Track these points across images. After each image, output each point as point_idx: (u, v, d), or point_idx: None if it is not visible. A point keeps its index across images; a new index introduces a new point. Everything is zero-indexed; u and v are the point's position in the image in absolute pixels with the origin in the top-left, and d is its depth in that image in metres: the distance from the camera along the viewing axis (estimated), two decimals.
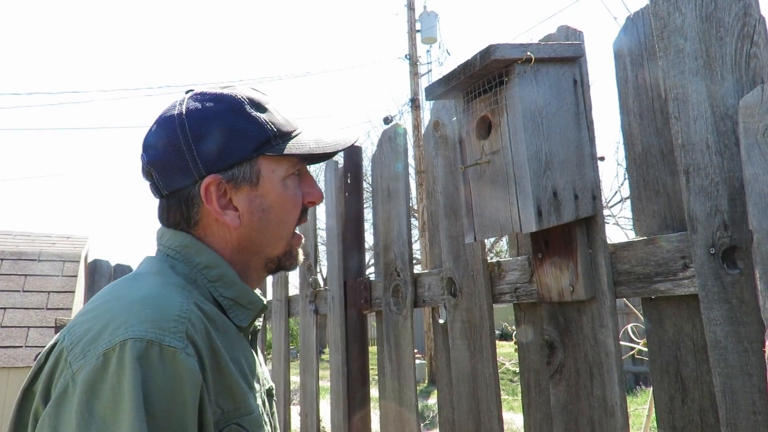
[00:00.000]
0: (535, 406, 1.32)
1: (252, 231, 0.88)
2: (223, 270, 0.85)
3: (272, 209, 0.89)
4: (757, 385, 0.85)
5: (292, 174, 0.90)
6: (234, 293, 0.85)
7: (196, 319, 0.71)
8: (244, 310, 0.85)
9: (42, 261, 4.69)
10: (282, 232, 0.90)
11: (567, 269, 1.14)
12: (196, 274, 0.84)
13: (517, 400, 8.53)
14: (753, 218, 0.82)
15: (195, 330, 0.69)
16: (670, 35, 0.98)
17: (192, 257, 0.85)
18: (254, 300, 0.87)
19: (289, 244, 0.92)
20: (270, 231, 0.89)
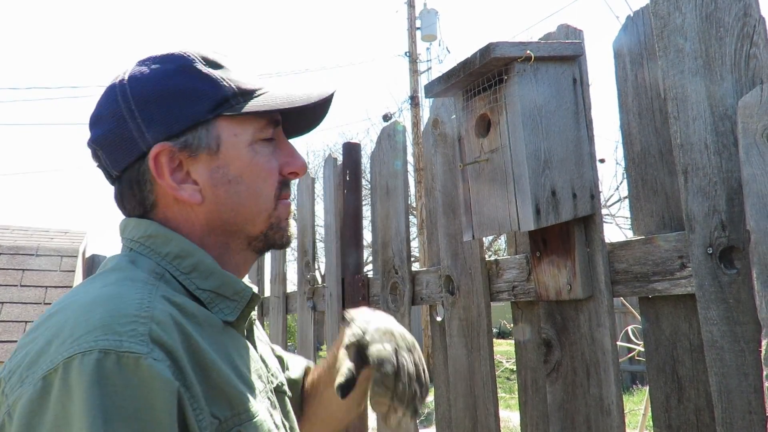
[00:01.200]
0: (531, 404, 1.32)
1: (220, 207, 0.75)
2: (198, 258, 0.73)
3: (241, 179, 0.76)
4: (753, 384, 0.85)
5: (263, 139, 0.78)
6: (214, 284, 0.73)
7: (162, 315, 0.59)
8: (229, 302, 0.73)
9: (40, 256, 4.69)
10: (259, 206, 0.77)
11: (565, 268, 1.14)
12: (165, 266, 0.72)
13: (514, 398, 8.55)
14: (751, 218, 0.82)
15: (162, 329, 0.57)
16: (670, 35, 0.98)
17: (159, 248, 0.73)
18: (240, 289, 0.74)
19: (274, 217, 0.79)
20: (243, 205, 0.76)
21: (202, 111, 0.73)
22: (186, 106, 0.72)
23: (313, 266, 2.49)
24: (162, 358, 0.55)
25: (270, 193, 0.78)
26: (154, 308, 0.59)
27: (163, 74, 0.73)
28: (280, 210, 0.80)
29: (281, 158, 0.80)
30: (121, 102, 0.72)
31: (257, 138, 0.77)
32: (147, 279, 0.67)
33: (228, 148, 0.75)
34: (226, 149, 0.75)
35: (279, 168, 0.79)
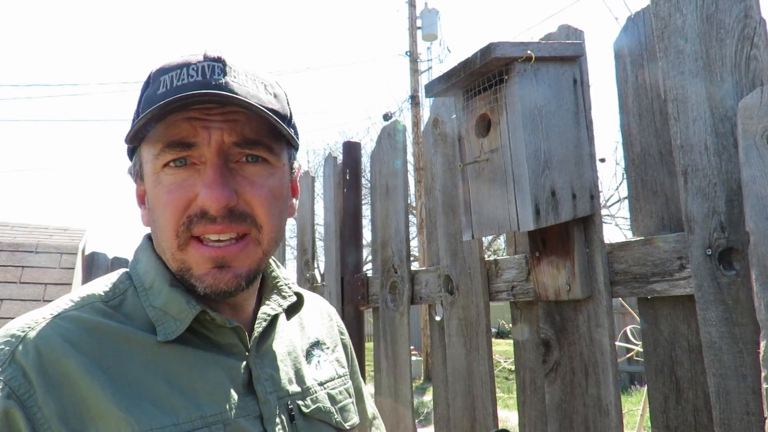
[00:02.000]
0: (530, 404, 1.32)
1: (153, 234, 0.74)
2: (153, 275, 0.73)
3: (153, 210, 0.71)
4: (751, 386, 0.86)
5: (169, 164, 0.68)
6: (161, 301, 0.71)
7: (38, 338, 0.63)
8: (174, 321, 0.69)
9: (39, 253, 4.69)
10: (164, 242, 0.70)
11: (564, 268, 1.14)
12: (134, 282, 0.73)
13: (512, 398, 8.55)
14: (750, 220, 0.83)
15: (26, 350, 0.62)
16: (671, 36, 0.98)
17: (136, 263, 0.76)
18: (182, 309, 0.70)
19: (178, 260, 0.70)
20: (158, 237, 0.72)
21: (126, 138, 0.71)
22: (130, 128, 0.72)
23: (312, 265, 2.49)
24: (9, 377, 0.60)
25: (169, 230, 0.69)
26: (37, 328, 0.64)
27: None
28: (189, 254, 0.69)
29: (199, 188, 0.68)
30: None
31: (158, 165, 0.69)
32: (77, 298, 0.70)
33: (145, 175, 0.72)
34: (145, 176, 0.73)
35: (189, 199, 0.68)
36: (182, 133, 0.67)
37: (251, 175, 0.71)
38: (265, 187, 0.71)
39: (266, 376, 0.75)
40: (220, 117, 0.68)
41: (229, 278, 0.69)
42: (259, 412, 0.71)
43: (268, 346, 0.79)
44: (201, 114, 0.67)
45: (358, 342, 2.08)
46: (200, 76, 0.67)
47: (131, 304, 0.71)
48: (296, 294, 0.87)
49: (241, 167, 0.70)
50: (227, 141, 0.68)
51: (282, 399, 0.75)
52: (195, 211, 0.67)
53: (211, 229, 0.67)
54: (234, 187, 0.68)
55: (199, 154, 0.68)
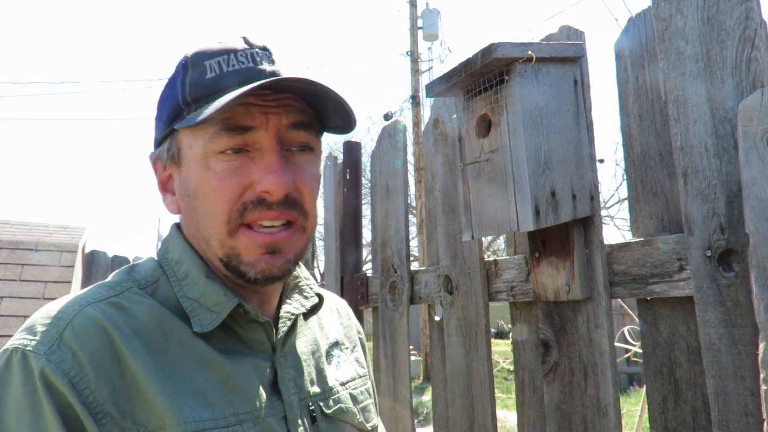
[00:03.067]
0: (528, 404, 1.32)
1: (188, 221, 0.73)
2: (188, 265, 0.72)
3: (195, 196, 0.70)
4: (749, 387, 0.86)
5: (222, 152, 0.67)
6: (197, 292, 0.70)
7: (85, 319, 0.62)
8: (209, 312, 0.69)
9: (39, 251, 4.69)
10: (210, 229, 0.69)
11: (563, 269, 1.14)
12: (167, 271, 0.72)
13: (511, 398, 8.56)
14: (750, 222, 0.83)
15: (76, 332, 0.60)
16: (672, 37, 0.98)
17: (167, 252, 0.75)
18: (219, 301, 0.69)
19: (227, 247, 0.69)
20: (199, 224, 0.71)
21: (164, 122, 0.72)
22: (159, 116, 0.73)
23: (312, 264, 2.49)
24: (59, 359, 0.58)
25: (220, 217, 0.68)
26: (81, 313, 0.62)
27: (171, 74, 0.73)
28: (239, 241, 0.68)
29: (255, 173, 0.67)
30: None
31: (211, 150, 0.68)
32: (115, 284, 0.69)
33: (186, 161, 0.71)
34: (185, 162, 0.71)
35: (245, 186, 0.68)
36: (239, 118, 0.67)
37: (301, 163, 0.72)
38: (312, 176, 0.73)
39: (289, 377, 0.74)
40: (275, 102, 0.69)
41: (281, 263, 0.70)
42: (283, 412, 0.71)
43: (290, 346, 0.78)
44: (258, 99, 0.67)
45: None
46: (251, 63, 0.69)
47: (164, 293, 0.70)
48: (317, 295, 0.86)
49: (292, 155, 0.71)
50: (285, 122, 0.69)
51: (303, 400, 0.74)
52: (251, 198, 0.67)
53: (266, 215, 0.68)
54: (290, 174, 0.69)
55: (254, 141, 0.68)
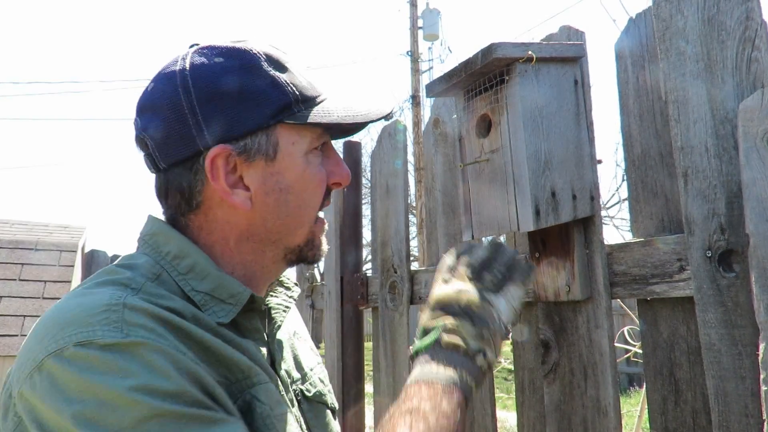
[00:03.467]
0: (528, 404, 1.32)
1: (267, 215, 0.75)
2: (195, 259, 0.72)
3: (291, 189, 0.75)
4: (750, 388, 0.86)
5: (316, 148, 0.77)
6: (209, 286, 0.71)
7: (136, 302, 0.61)
8: (224, 304, 0.71)
9: (39, 250, 4.68)
10: (303, 218, 0.77)
11: (563, 269, 1.14)
12: (164, 266, 0.72)
13: (511, 399, 8.56)
14: (750, 222, 0.82)
15: (136, 312, 0.60)
16: (672, 37, 0.98)
17: (160, 246, 0.73)
18: (237, 292, 0.72)
19: (311, 232, 0.79)
20: (289, 216, 0.76)
21: (266, 116, 0.71)
22: (249, 108, 0.70)
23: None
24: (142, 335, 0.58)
25: (316, 204, 0.78)
26: (125, 297, 0.61)
27: (228, 70, 0.70)
28: (318, 225, 0.80)
29: (328, 166, 0.79)
30: (181, 93, 0.69)
31: (311, 147, 0.76)
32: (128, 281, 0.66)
33: (284, 156, 0.74)
34: (283, 157, 0.74)
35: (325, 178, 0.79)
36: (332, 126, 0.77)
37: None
38: None
39: (282, 362, 0.80)
40: None
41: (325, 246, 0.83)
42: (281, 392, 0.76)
43: (275, 335, 0.83)
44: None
45: (357, 341, 2.09)
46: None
47: (169, 288, 0.70)
48: (295, 284, 0.93)
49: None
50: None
51: (292, 384, 0.81)
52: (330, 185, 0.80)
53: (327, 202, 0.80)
54: None
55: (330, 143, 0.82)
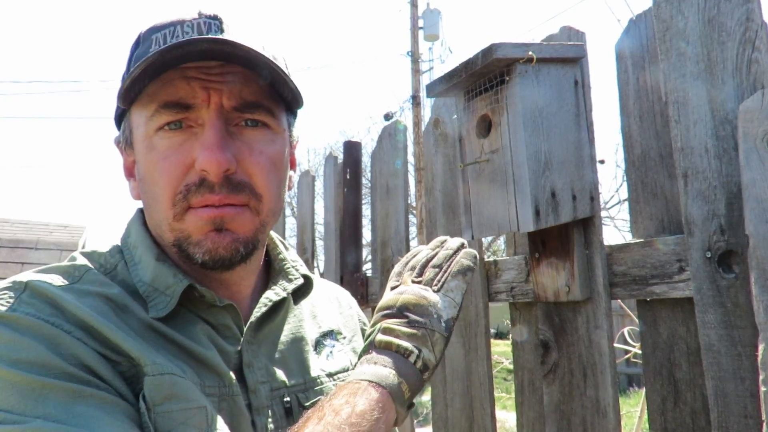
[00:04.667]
0: (528, 405, 1.32)
1: (145, 207, 0.70)
2: (142, 249, 0.69)
3: (144, 180, 0.67)
4: (749, 389, 0.86)
5: (164, 128, 0.64)
6: (149, 276, 0.67)
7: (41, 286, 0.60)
8: (163, 296, 0.66)
9: (39, 249, 4.69)
10: (160, 213, 0.66)
11: (563, 269, 1.14)
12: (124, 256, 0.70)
13: (510, 399, 8.55)
14: (750, 223, 0.83)
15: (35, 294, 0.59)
16: (672, 38, 0.98)
17: (128, 236, 0.72)
18: (171, 283, 0.66)
19: (176, 229, 0.65)
20: (151, 209, 0.69)
21: (118, 100, 0.65)
22: (117, 96, 0.66)
23: (312, 264, 2.49)
24: (26, 311, 0.57)
25: (164, 199, 0.65)
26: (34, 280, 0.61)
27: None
28: (187, 222, 0.65)
29: (197, 152, 0.63)
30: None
31: (152, 128, 0.64)
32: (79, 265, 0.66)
33: (136, 142, 0.68)
34: (136, 143, 0.68)
35: (187, 166, 0.64)
36: (179, 93, 0.63)
37: (251, 140, 0.67)
38: (265, 154, 0.67)
39: (260, 365, 0.71)
40: (219, 77, 0.64)
41: (228, 242, 0.65)
42: (248, 400, 0.68)
43: (268, 333, 0.75)
44: (199, 73, 0.63)
45: None
46: (196, 33, 0.63)
47: (122, 277, 0.68)
48: (304, 276, 0.82)
49: (240, 131, 0.66)
50: (226, 104, 0.64)
51: (277, 390, 0.71)
52: (193, 180, 0.63)
53: (209, 199, 0.63)
54: (233, 152, 0.64)
55: (197, 116, 0.64)
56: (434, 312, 0.69)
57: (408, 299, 0.70)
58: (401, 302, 0.70)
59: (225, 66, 0.64)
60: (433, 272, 0.74)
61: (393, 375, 0.62)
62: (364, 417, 0.56)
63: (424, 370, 0.66)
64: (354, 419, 0.56)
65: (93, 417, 0.52)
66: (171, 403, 0.58)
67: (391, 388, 0.61)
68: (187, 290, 0.67)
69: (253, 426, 0.67)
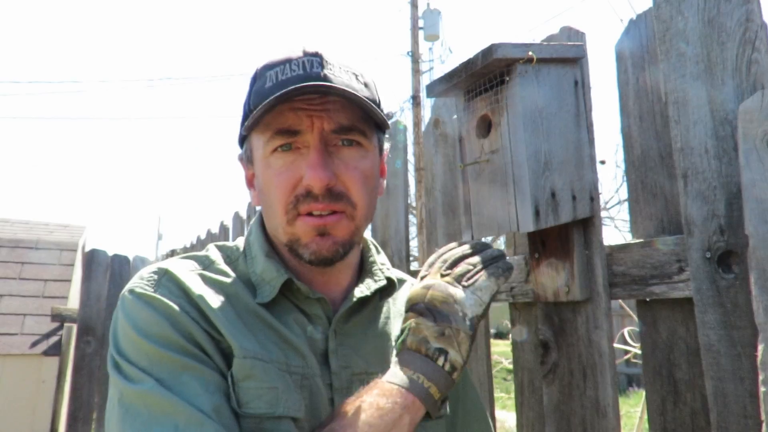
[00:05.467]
0: (528, 405, 1.32)
1: (264, 212, 0.86)
2: (256, 247, 0.86)
3: (262, 191, 0.83)
4: (748, 389, 0.86)
5: (277, 150, 0.79)
6: (259, 269, 0.83)
7: (178, 272, 0.79)
8: (268, 286, 0.81)
9: (39, 249, 4.69)
10: (275, 219, 0.81)
11: (563, 270, 1.14)
12: (245, 251, 0.87)
13: (510, 399, 8.55)
14: (749, 223, 0.83)
15: (171, 279, 0.78)
16: (672, 39, 0.98)
17: (249, 235, 0.89)
18: (273, 276, 0.81)
19: (288, 233, 0.81)
20: (268, 215, 0.84)
21: (242, 128, 0.83)
22: (241, 122, 0.84)
23: None
24: (162, 292, 0.75)
25: (279, 208, 0.79)
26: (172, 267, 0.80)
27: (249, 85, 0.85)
28: (297, 227, 0.79)
29: (303, 169, 0.78)
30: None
31: (268, 150, 0.80)
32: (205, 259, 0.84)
33: (256, 161, 0.83)
34: (256, 161, 0.84)
35: (296, 180, 0.78)
36: (289, 122, 0.77)
37: (347, 157, 0.80)
38: (358, 169, 0.81)
39: (344, 352, 0.83)
40: (320, 106, 0.77)
41: (330, 244, 0.79)
42: (330, 380, 0.80)
43: (355, 325, 0.86)
44: (304, 104, 0.77)
45: None
46: (301, 70, 0.77)
47: (242, 268, 0.85)
48: (387, 278, 0.93)
49: (338, 150, 0.80)
50: (326, 128, 0.78)
51: (357, 375, 0.82)
52: (301, 191, 0.78)
53: (314, 206, 0.77)
54: (333, 169, 0.78)
55: (303, 140, 0.78)
56: (460, 309, 0.75)
57: (435, 295, 0.77)
58: (429, 298, 0.77)
59: (325, 96, 0.77)
60: (465, 268, 0.80)
61: (423, 380, 0.72)
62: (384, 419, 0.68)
63: (452, 371, 0.74)
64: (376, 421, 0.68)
65: (193, 387, 0.69)
66: (249, 382, 0.72)
67: (421, 393, 0.71)
68: (288, 282, 0.82)
69: (331, 403, 0.79)
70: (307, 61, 0.78)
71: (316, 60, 0.78)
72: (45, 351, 4.04)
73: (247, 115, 0.82)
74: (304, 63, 0.78)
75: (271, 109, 0.76)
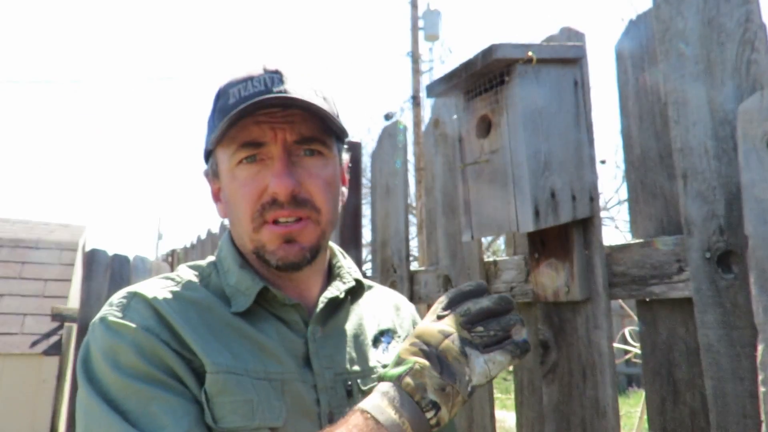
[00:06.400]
0: (527, 405, 1.32)
1: (231, 224, 0.89)
2: (229, 261, 0.88)
3: (229, 203, 0.86)
4: (748, 389, 0.86)
5: (242, 161, 0.82)
6: (233, 280, 0.86)
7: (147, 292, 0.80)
8: (243, 296, 0.83)
9: (40, 249, 4.69)
10: (242, 227, 0.85)
11: (563, 270, 1.15)
12: (217, 267, 0.89)
13: (510, 399, 8.55)
14: (749, 223, 0.83)
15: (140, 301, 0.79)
16: (672, 39, 0.98)
17: (220, 251, 0.91)
18: (249, 285, 0.84)
19: (255, 241, 0.84)
20: (235, 225, 0.87)
21: (207, 143, 0.87)
22: (206, 137, 0.88)
23: None
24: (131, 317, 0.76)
25: (245, 217, 0.83)
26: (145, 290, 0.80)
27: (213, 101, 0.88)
28: (263, 235, 0.82)
29: (268, 179, 0.81)
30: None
31: (234, 163, 0.83)
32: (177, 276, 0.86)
33: (222, 173, 0.86)
34: (221, 175, 0.87)
35: (261, 190, 0.81)
36: (253, 134, 0.81)
37: (309, 166, 0.84)
38: (321, 177, 0.84)
39: (325, 353, 0.85)
40: (282, 119, 0.81)
41: (296, 251, 0.83)
42: (314, 382, 0.82)
43: (332, 327, 0.89)
44: (267, 118, 0.80)
45: None
46: (263, 86, 0.81)
47: (214, 283, 0.87)
48: (355, 280, 0.96)
49: (301, 160, 0.83)
50: (289, 139, 0.81)
51: (340, 375, 0.84)
52: (267, 199, 0.81)
53: (280, 213, 0.81)
54: (297, 177, 0.81)
55: (267, 151, 0.82)
56: (468, 374, 0.71)
57: (450, 348, 0.72)
58: (443, 348, 0.72)
59: (286, 110, 0.81)
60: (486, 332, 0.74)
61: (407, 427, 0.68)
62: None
63: (435, 425, 0.71)
64: None
65: (160, 418, 0.69)
66: (223, 396, 0.73)
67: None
68: (263, 291, 0.84)
69: (317, 403, 0.81)
70: (268, 78, 0.82)
71: (276, 76, 0.82)
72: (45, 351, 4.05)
73: (212, 130, 0.85)
74: (265, 79, 0.81)
75: (235, 123, 0.79)
